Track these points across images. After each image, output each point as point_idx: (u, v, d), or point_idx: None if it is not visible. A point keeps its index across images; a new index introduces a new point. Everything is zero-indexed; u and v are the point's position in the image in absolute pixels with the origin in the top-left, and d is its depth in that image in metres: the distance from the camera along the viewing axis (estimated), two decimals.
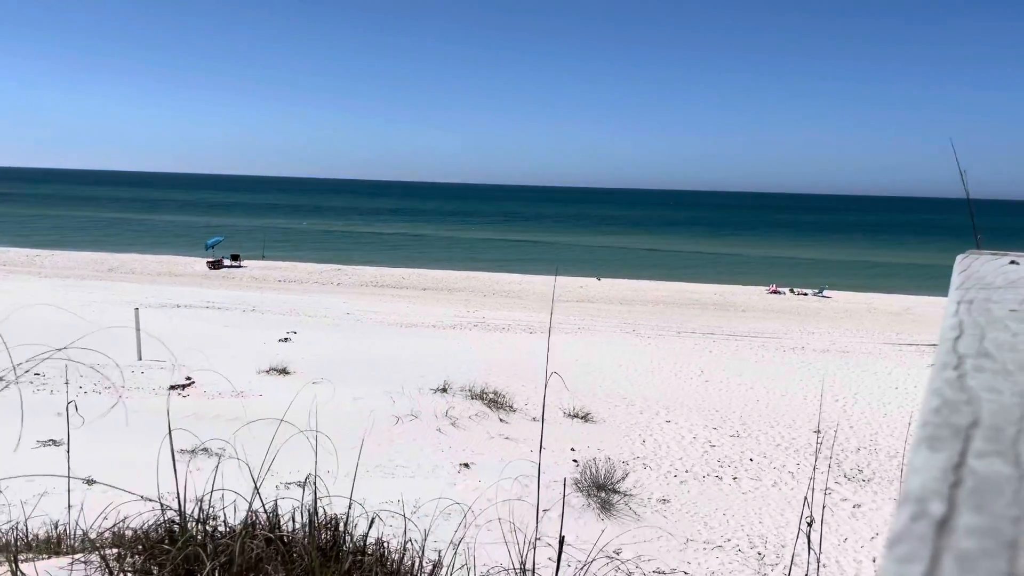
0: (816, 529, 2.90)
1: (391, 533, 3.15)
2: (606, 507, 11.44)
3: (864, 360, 25.76)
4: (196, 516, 2.84)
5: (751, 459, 14.79)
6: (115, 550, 2.98)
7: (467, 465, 12.82)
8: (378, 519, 3.08)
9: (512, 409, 16.46)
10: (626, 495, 11.94)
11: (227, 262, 52.39)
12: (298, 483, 3.60)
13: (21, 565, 2.81)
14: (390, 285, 46.79)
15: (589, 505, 11.40)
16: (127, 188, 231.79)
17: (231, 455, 3.12)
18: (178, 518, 2.84)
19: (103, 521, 3.22)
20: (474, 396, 16.84)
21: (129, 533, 3.01)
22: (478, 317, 33.77)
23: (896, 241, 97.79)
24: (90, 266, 50.09)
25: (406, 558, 3.05)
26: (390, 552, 3.06)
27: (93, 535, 3.28)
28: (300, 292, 41.69)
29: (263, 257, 56.62)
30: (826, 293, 46.52)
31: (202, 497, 2.92)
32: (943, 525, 0.43)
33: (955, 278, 1.06)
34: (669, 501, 12.33)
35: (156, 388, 16.33)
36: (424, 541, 3.07)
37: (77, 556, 3.12)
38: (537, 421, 15.96)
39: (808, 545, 2.94)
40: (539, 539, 3.02)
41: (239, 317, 29.88)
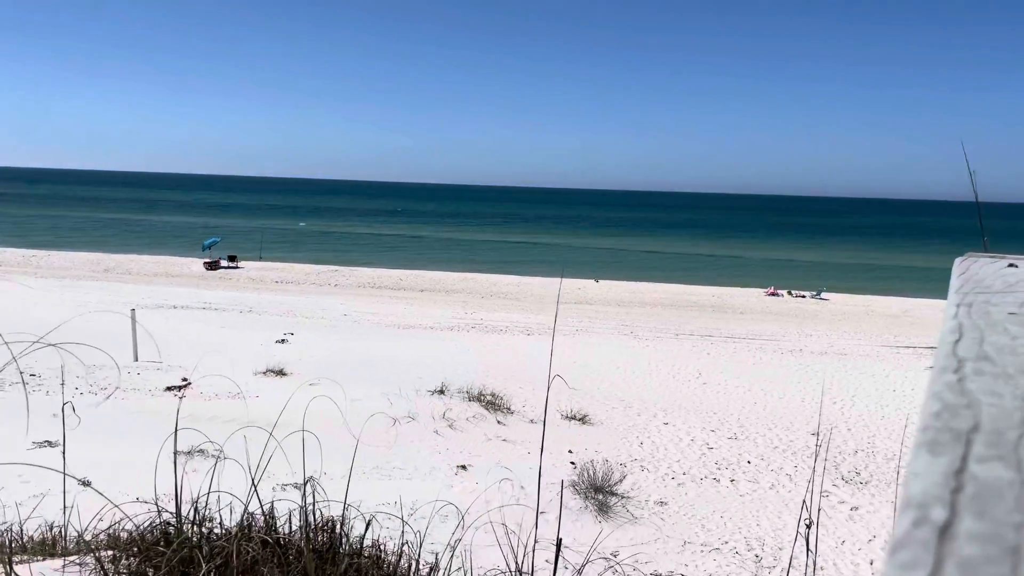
0: (814, 532, 2.89)
1: (388, 535, 3.15)
2: (603, 509, 11.43)
3: (862, 362, 25.81)
4: (192, 518, 2.83)
5: (749, 461, 14.79)
6: (110, 552, 2.97)
7: (464, 467, 12.79)
8: (375, 521, 3.07)
9: (510, 411, 16.45)
10: (623, 497, 11.92)
11: (224, 263, 52.34)
12: (295, 485, 3.59)
13: (16, 567, 2.80)
14: (388, 286, 46.78)
15: (586, 507, 11.39)
16: (124, 188, 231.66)
17: (228, 456, 3.11)
18: (174, 520, 2.84)
19: (98, 523, 3.21)
20: (472, 398, 16.82)
21: (124, 535, 3.00)
22: (476, 319, 33.77)
23: (894, 244, 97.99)
24: (86, 266, 50.02)
25: (403, 560, 3.04)
26: (387, 554, 3.05)
27: (88, 537, 3.27)
28: (297, 293, 41.66)
29: (260, 258, 56.59)
30: (824, 295, 46.57)
31: (198, 499, 2.91)
32: (945, 531, 0.42)
33: (954, 281, 1.05)
34: (666, 503, 12.32)
35: (152, 389, 16.29)
36: (421, 544, 3.06)
37: (72, 558, 3.11)
38: (534, 423, 15.94)
39: (806, 547, 2.93)
40: (536, 542, 3.01)
41: (236, 318, 29.85)
